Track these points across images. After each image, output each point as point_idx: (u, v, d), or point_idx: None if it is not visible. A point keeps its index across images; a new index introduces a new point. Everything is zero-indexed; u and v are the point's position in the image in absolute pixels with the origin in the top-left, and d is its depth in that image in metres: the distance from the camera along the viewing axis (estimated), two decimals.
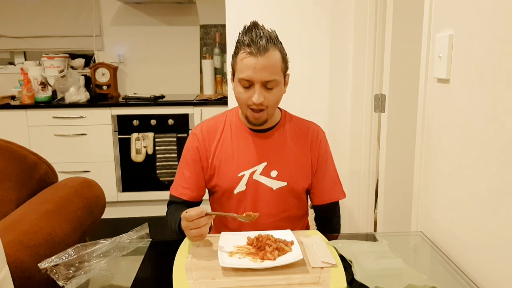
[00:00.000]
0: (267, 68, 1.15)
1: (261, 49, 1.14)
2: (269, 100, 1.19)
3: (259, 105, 1.18)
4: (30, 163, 1.55)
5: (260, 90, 1.17)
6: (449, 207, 1.11)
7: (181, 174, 1.34)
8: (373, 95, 2.03)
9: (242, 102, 1.22)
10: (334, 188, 1.37)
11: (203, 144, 1.31)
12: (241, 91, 1.20)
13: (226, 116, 1.35)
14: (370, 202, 2.17)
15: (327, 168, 1.35)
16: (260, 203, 1.29)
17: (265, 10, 2.08)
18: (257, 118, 1.22)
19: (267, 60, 1.15)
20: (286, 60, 1.23)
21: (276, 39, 1.20)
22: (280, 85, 1.21)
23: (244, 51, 1.16)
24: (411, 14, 1.78)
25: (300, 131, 1.34)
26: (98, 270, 1.01)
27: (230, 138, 1.31)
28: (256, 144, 1.29)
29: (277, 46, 1.19)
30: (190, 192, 1.32)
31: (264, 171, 1.28)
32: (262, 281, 0.91)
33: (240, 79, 1.18)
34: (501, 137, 0.87)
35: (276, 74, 1.18)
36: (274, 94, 1.20)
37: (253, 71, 1.15)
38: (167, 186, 3.12)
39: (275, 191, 1.28)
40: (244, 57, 1.16)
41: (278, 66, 1.19)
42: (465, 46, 1.02)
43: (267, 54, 1.15)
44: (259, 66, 1.14)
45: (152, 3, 3.46)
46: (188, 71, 3.60)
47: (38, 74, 3.18)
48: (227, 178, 1.29)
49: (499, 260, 0.89)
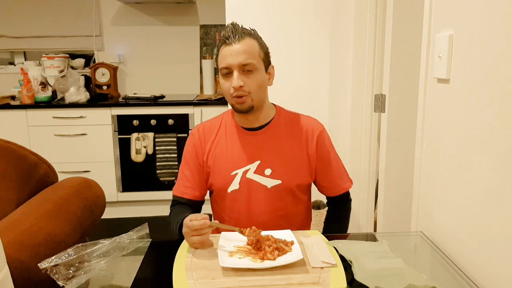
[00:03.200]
0: (242, 52, 1.19)
1: (236, 38, 1.20)
2: (250, 85, 1.21)
3: (239, 90, 1.20)
4: (30, 163, 1.55)
5: (238, 75, 1.19)
6: (449, 207, 1.11)
7: (182, 175, 1.36)
8: (373, 95, 2.03)
9: (226, 93, 1.24)
10: (342, 178, 1.39)
11: (199, 143, 1.33)
12: (223, 82, 1.24)
13: (223, 117, 1.37)
14: (370, 202, 2.17)
15: (331, 162, 1.36)
16: (255, 201, 1.29)
17: (265, 10, 2.08)
18: (240, 103, 1.22)
19: (241, 45, 1.19)
20: (266, 51, 1.26)
21: (254, 32, 1.25)
22: (260, 71, 1.23)
23: (223, 45, 1.22)
24: (411, 14, 1.78)
25: (295, 127, 1.33)
26: (98, 270, 1.01)
27: (224, 137, 1.32)
28: (249, 142, 1.30)
29: (254, 36, 1.24)
30: (192, 191, 1.33)
31: (257, 169, 1.29)
32: (262, 281, 0.91)
33: (221, 69, 1.22)
34: (501, 137, 0.87)
35: (252, 58, 1.20)
36: (254, 79, 1.21)
37: (229, 57, 1.19)
38: (167, 186, 3.14)
39: (270, 189, 1.29)
40: (222, 49, 1.22)
41: (255, 52, 1.21)
42: (465, 46, 1.02)
43: (242, 41, 1.20)
44: (234, 51, 1.19)
45: (152, 3, 3.46)
46: (188, 71, 3.60)
47: (38, 74, 3.18)
48: (221, 177, 1.31)
49: (499, 260, 0.89)
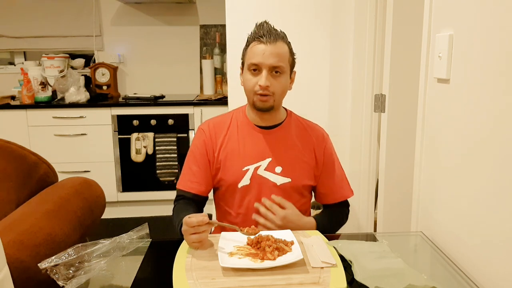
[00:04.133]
0: (275, 55, 1.22)
1: (271, 39, 1.22)
2: (275, 87, 1.24)
3: (265, 89, 1.22)
4: (30, 163, 1.55)
5: (267, 75, 1.22)
6: (449, 207, 1.11)
7: (188, 169, 1.36)
8: (373, 95, 2.03)
9: (249, 88, 1.26)
10: (343, 187, 1.41)
11: (210, 138, 1.34)
12: (249, 78, 1.25)
13: (233, 114, 1.39)
14: (370, 202, 2.17)
15: (335, 170, 1.39)
16: (264, 198, 1.29)
17: (265, 10, 2.08)
18: (263, 101, 1.24)
19: (275, 47, 1.22)
20: (293, 56, 1.30)
21: (285, 36, 1.28)
22: (286, 75, 1.26)
23: (255, 41, 1.24)
24: (411, 14, 1.78)
25: (305, 131, 1.37)
26: (98, 270, 1.01)
27: (236, 133, 1.34)
28: (262, 140, 1.32)
29: (285, 41, 1.27)
30: (198, 186, 1.34)
31: (268, 166, 1.31)
32: (262, 281, 0.91)
33: (249, 64, 1.24)
34: (501, 137, 0.87)
35: (283, 62, 1.23)
36: (280, 82, 1.25)
37: (262, 56, 1.22)
38: (167, 186, 3.14)
39: (279, 187, 1.31)
40: (254, 45, 1.24)
41: (286, 56, 1.25)
42: (465, 46, 1.02)
43: (276, 43, 1.23)
44: (267, 52, 1.21)
45: (152, 3, 3.46)
46: (188, 71, 3.60)
47: (38, 74, 3.18)
48: (232, 172, 1.32)
49: (499, 260, 0.89)
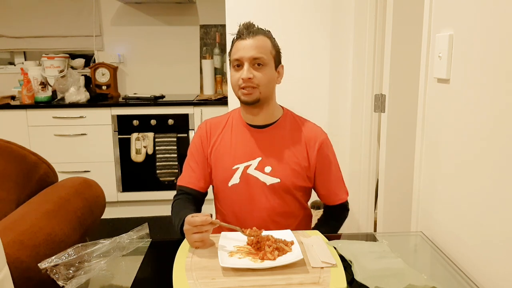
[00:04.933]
0: (255, 47, 1.24)
1: (250, 34, 1.25)
2: (260, 79, 1.25)
3: (248, 81, 1.23)
4: (30, 163, 1.55)
5: (249, 67, 1.24)
6: (449, 207, 1.11)
7: (187, 166, 1.39)
8: (373, 95, 2.03)
9: (234, 84, 1.28)
10: (340, 189, 1.40)
11: (206, 136, 1.37)
12: (233, 74, 1.27)
13: (231, 114, 1.41)
14: (370, 202, 2.17)
15: (331, 172, 1.38)
16: (254, 197, 1.31)
17: (265, 10, 2.08)
18: (247, 94, 1.25)
19: (254, 40, 1.24)
20: (277, 50, 1.31)
21: (268, 32, 1.30)
22: (269, 67, 1.27)
23: (237, 39, 1.27)
24: (411, 14, 1.78)
25: (299, 131, 1.36)
26: (98, 270, 1.01)
27: (230, 132, 1.36)
28: (253, 139, 1.33)
29: (267, 35, 1.29)
30: (197, 181, 1.36)
31: (258, 166, 1.31)
32: (262, 281, 0.91)
33: (232, 61, 1.27)
34: (501, 137, 0.87)
35: (264, 53, 1.25)
36: (264, 73, 1.25)
37: (242, 50, 1.24)
38: (167, 186, 3.14)
39: (268, 187, 1.31)
40: (235, 43, 1.27)
41: (267, 48, 1.26)
42: (465, 46, 1.02)
43: (255, 37, 1.25)
44: (247, 45, 1.24)
45: (152, 3, 3.46)
46: (188, 71, 3.60)
47: (38, 74, 3.18)
48: (223, 170, 1.33)
49: (499, 260, 0.89)
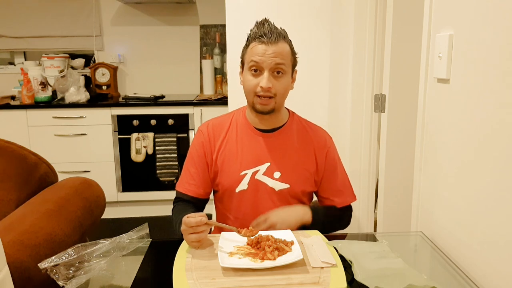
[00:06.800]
0: (277, 55, 1.18)
1: (271, 39, 1.18)
2: (277, 88, 1.20)
3: (267, 91, 1.19)
4: (30, 163, 1.55)
5: (269, 76, 1.19)
6: (449, 207, 1.11)
7: (186, 171, 1.34)
8: (373, 95, 2.03)
9: (250, 89, 1.22)
10: (345, 193, 1.37)
11: (209, 140, 1.32)
12: (250, 78, 1.21)
13: (233, 116, 1.35)
14: (370, 202, 2.17)
15: (337, 175, 1.36)
16: (261, 203, 1.29)
17: (265, 10, 2.08)
18: (264, 104, 1.21)
19: (277, 47, 1.18)
20: (295, 56, 1.26)
21: (286, 35, 1.24)
22: (288, 75, 1.23)
23: (255, 41, 1.20)
24: (411, 14, 1.77)
25: (306, 135, 1.33)
26: (98, 270, 1.01)
27: (235, 136, 1.31)
28: (261, 144, 1.29)
29: (287, 40, 1.23)
30: (196, 188, 1.32)
31: (267, 171, 1.28)
32: (262, 281, 0.91)
33: (250, 65, 1.20)
34: (501, 137, 0.87)
35: (285, 62, 1.20)
36: (282, 83, 1.21)
37: (263, 56, 1.18)
38: (167, 186, 3.14)
39: (277, 192, 1.28)
40: (255, 45, 1.20)
41: (288, 56, 1.21)
42: (465, 46, 1.02)
43: (278, 43, 1.19)
44: (269, 52, 1.18)
45: (152, 3, 3.46)
46: (188, 71, 3.60)
47: (38, 74, 3.18)
48: (230, 176, 1.29)
49: (499, 260, 0.88)
